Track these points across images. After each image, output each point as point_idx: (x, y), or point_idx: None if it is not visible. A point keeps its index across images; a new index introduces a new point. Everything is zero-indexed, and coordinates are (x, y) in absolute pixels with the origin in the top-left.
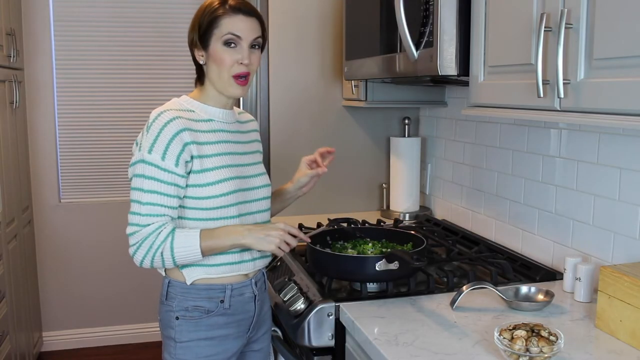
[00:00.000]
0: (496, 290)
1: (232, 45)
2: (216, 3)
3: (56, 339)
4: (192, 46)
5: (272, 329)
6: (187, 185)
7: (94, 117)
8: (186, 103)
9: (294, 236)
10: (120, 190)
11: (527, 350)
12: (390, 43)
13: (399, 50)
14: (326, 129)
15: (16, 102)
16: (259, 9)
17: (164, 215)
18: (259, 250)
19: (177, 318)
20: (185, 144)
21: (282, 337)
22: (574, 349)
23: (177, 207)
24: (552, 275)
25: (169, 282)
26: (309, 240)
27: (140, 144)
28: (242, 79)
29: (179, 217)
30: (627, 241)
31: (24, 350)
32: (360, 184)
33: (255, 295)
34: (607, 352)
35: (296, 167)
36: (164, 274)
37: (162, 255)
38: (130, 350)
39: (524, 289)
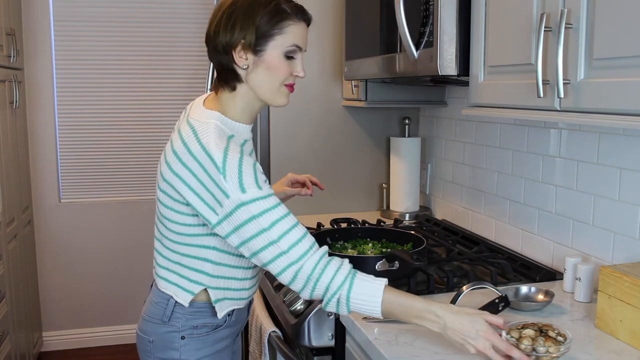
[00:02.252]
0: (496, 290)
1: (292, 57)
2: (279, 2)
3: (56, 339)
4: (231, 47)
5: (272, 329)
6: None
7: (94, 117)
8: (224, 125)
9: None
10: (120, 190)
11: (534, 349)
12: (390, 43)
13: (399, 50)
14: (326, 129)
15: (16, 102)
16: None
17: (306, 233)
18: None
19: (182, 337)
20: (263, 172)
21: (282, 337)
22: (574, 349)
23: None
24: (552, 275)
25: (175, 303)
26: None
27: (191, 188)
28: (291, 85)
29: (205, 247)
30: (627, 241)
31: (24, 350)
32: (360, 184)
33: (251, 302)
34: (607, 352)
35: (296, 167)
36: (166, 293)
37: (338, 301)
38: (130, 350)
39: (524, 289)
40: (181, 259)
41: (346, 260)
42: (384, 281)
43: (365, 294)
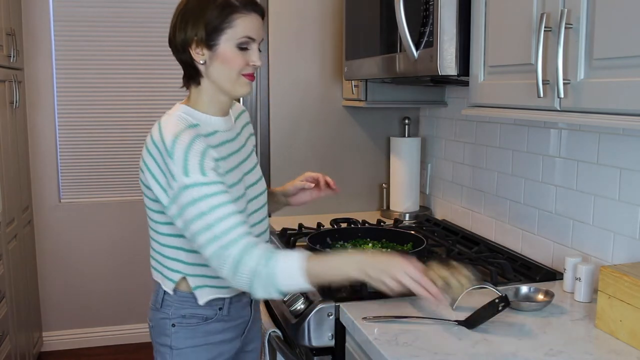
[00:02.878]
0: (496, 290)
1: (246, 47)
2: None
3: (56, 339)
4: (187, 44)
5: (272, 329)
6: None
7: (94, 117)
8: (189, 116)
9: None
10: (120, 190)
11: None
12: (390, 43)
13: (399, 50)
14: (326, 129)
15: (16, 102)
16: None
17: (243, 222)
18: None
19: (173, 325)
20: (215, 160)
21: (282, 337)
22: (574, 349)
23: (244, 211)
24: (552, 275)
25: (164, 291)
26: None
27: (168, 173)
28: (250, 75)
29: (176, 235)
30: (627, 241)
31: (24, 350)
32: (360, 184)
33: (252, 300)
34: (607, 352)
35: (296, 167)
36: (156, 279)
37: (261, 282)
38: (130, 350)
39: (524, 289)
40: (161, 248)
41: (271, 246)
42: (304, 254)
43: (290, 274)
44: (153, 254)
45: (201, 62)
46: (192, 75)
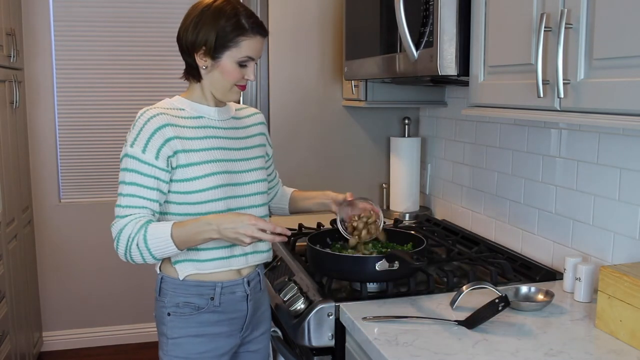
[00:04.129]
0: (496, 290)
1: (245, 65)
2: (238, 17)
3: (56, 339)
4: (194, 50)
5: (272, 329)
6: (172, 180)
7: (94, 117)
8: (177, 102)
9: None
10: None
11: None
12: (390, 43)
13: (399, 50)
14: (326, 129)
15: (16, 102)
16: (259, 10)
17: (144, 207)
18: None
19: (168, 314)
20: (168, 139)
21: (282, 337)
22: (574, 349)
23: (157, 201)
24: (552, 275)
25: (161, 278)
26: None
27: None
28: (243, 86)
29: (166, 213)
30: (627, 241)
31: (24, 350)
32: (360, 184)
33: (247, 295)
34: (607, 352)
35: (296, 167)
36: (158, 270)
37: (138, 247)
38: (130, 350)
39: (524, 289)
40: None
41: (147, 220)
42: (170, 223)
43: (159, 236)
44: None
45: (203, 67)
46: (192, 74)
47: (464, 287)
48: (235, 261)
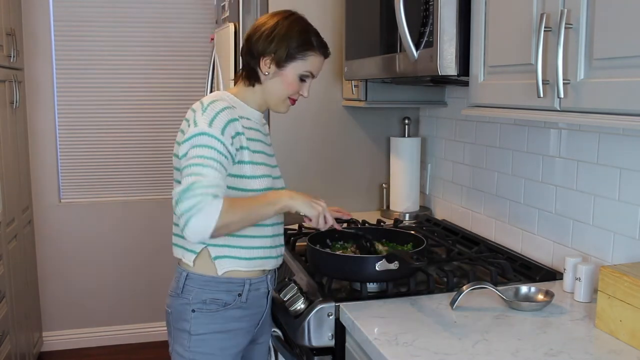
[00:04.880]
0: (496, 290)
1: (304, 80)
2: (309, 34)
3: (56, 339)
4: (263, 56)
5: (272, 329)
6: (229, 175)
7: (94, 117)
8: (228, 98)
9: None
10: (120, 190)
11: None
12: (390, 43)
13: (399, 50)
14: (326, 129)
15: (16, 102)
16: (259, 10)
17: (219, 185)
18: (302, 215)
19: (193, 311)
20: (237, 133)
21: (282, 337)
22: (574, 349)
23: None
24: (552, 275)
25: (186, 275)
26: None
27: (193, 122)
28: (294, 100)
29: None
30: (627, 241)
31: (24, 350)
32: (360, 184)
33: (269, 291)
34: (607, 352)
35: (296, 167)
36: (184, 268)
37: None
38: (130, 350)
39: (523, 289)
40: None
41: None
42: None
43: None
44: (175, 229)
45: (265, 73)
46: (250, 77)
47: (464, 287)
48: (269, 263)
